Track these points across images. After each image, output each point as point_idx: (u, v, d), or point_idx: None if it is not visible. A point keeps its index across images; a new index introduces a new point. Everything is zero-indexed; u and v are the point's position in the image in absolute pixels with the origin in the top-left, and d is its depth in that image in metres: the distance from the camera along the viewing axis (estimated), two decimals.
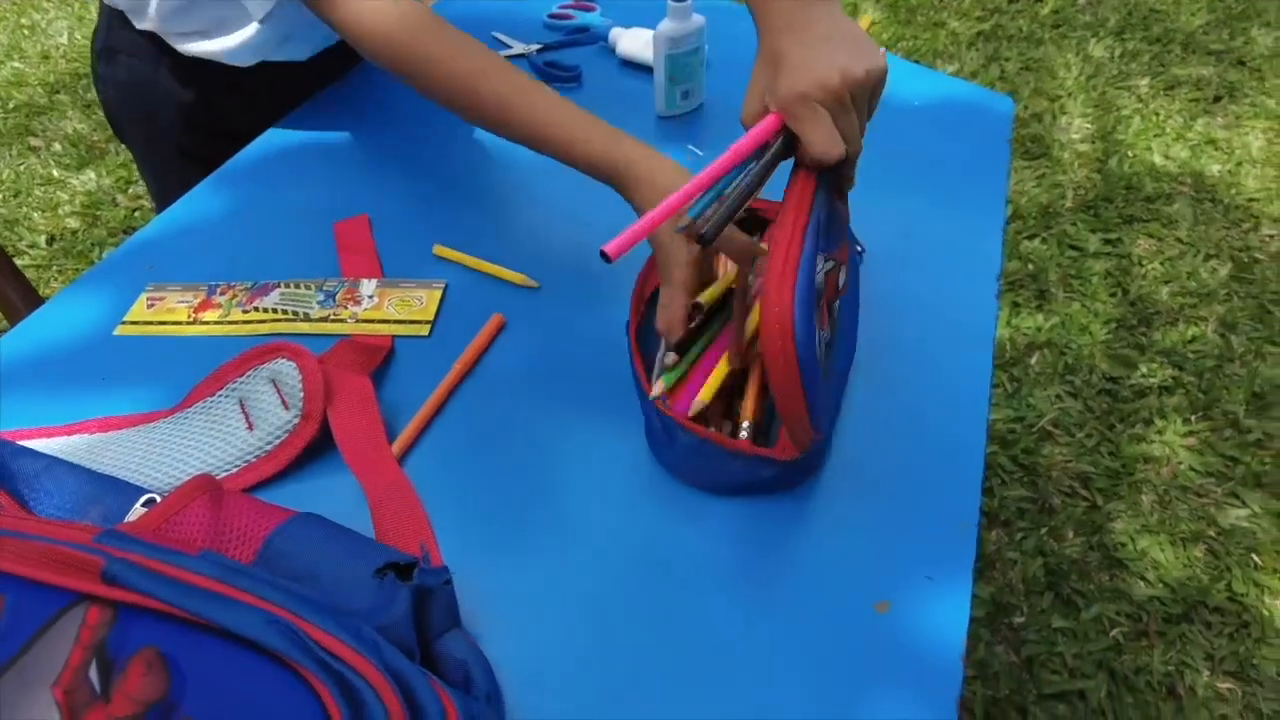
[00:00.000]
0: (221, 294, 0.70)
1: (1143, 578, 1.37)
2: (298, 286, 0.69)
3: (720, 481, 0.54)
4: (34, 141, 2.42)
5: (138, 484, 0.52)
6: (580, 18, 1.03)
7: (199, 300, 0.69)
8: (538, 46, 0.99)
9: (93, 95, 2.59)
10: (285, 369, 0.56)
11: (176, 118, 0.88)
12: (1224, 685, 1.25)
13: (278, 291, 0.69)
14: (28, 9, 3.12)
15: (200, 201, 0.81)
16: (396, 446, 0.56)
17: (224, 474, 0.54)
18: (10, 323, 1.16)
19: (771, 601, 0.50)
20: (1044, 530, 1.42)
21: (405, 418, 0.59)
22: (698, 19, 0.82)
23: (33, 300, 1.19)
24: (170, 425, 0.57)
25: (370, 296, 0.68)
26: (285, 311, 0.67)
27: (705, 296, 0.57)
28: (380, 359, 0.61)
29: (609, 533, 0.54)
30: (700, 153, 0.84)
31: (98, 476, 0.51)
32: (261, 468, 0.54)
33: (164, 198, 0.89)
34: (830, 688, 0.45)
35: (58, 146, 2.38)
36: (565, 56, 0.98)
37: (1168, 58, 2.52)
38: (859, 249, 0.72)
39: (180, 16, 0.79)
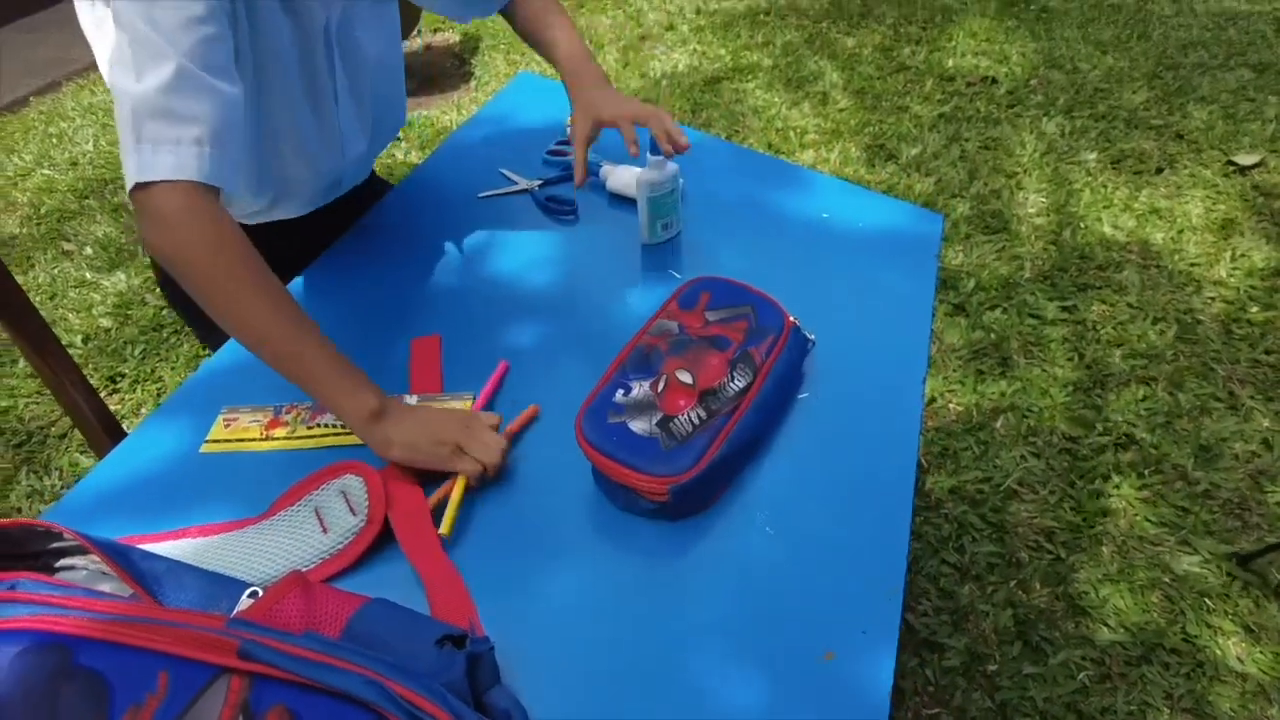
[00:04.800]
0: (287, 413, 0.85)
1: (1105, 624, 1.49)
2: None
3: (630, 507, 0.75)
4: (67, 246, 2.59)
5: (241, 579, 0.66)
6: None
7: (268, 419, 0.84)
8: (539, 182, 1.16)
9: (119, 199, 2.78)
10: (352, 483, 0.71)
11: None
12: None
13: None
14: (55, 118, 3.35)
15: None
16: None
17: (306, 569, 0.68)
18: (72, 420, 1.28)
19: (743, 651, 0.63)
20: (1013, 583, 1.55)
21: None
22: (672, 167, 0.99)
23: (90, 397, 1.30)
24: (259, 531, 0.71)
25: None
26: (343, 427, 0.82)
27: None
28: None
29: (610, 605, 0.67)
30: (679, 275, 1.00)
31: (210, 574, 0.65)
32: (336, 563, 0.68)
33: (215, 342, 1.02)
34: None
35: (89, 250, 2.55)
36: (563, 191, 1.15)
37: (1113, 133, 2.73)
38: (810, 339, 0.89)
39: (250, 199, 0.95)
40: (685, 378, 0.78)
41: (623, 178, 1.11)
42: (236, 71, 0.76)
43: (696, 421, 0.75)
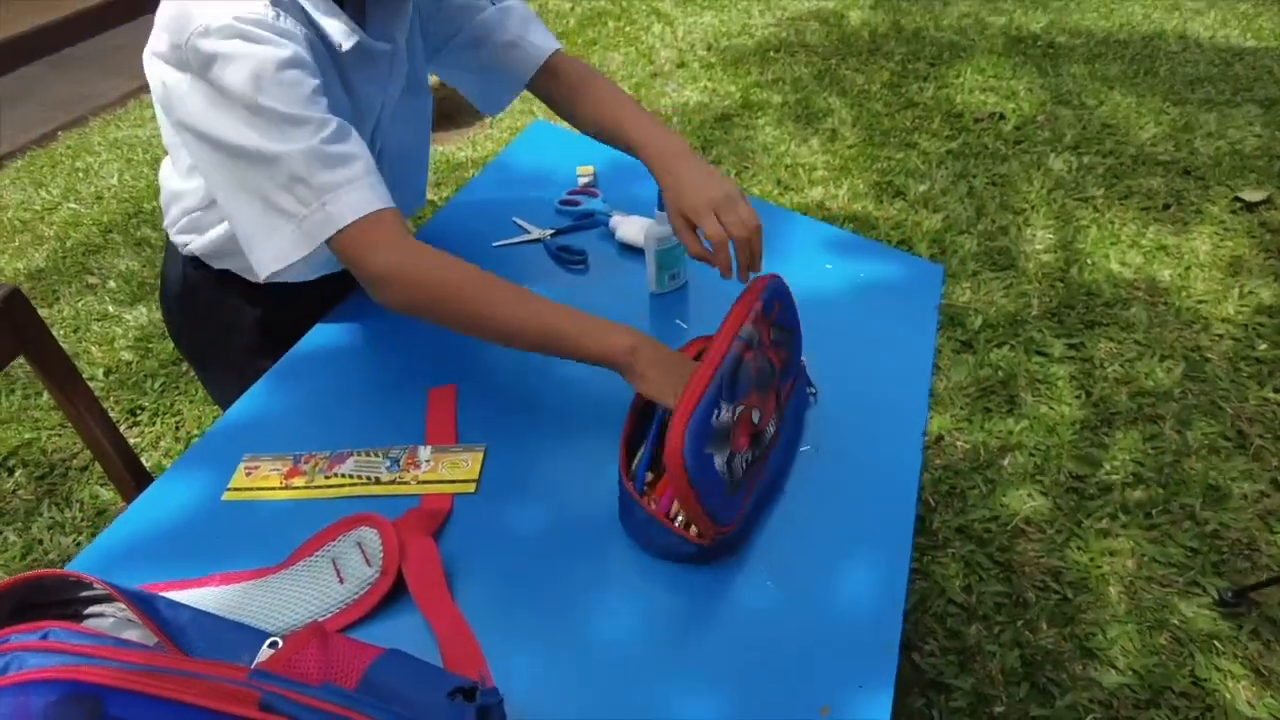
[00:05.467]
0: (305, 462, 0.88)
1: (1113, 666, 1.49)
2: (368, 455, 0.87)
3: (661, 551, 0.75)
4: (90, 279, 2.65)
5: (260, 628, 0.69)
6: (586, 203, 1.24)
7: (287, 468, 0.87)
8: (551, 231, 1.20)
9: (142, 234, 2.85)
10: (368, 535, 0.73)
11: (252, 334, 1.07)
12: None
13: (352, 459, 0.87)
14: (82, 153, 3.44)
15: (279, 380, 1.00)
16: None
17: (322, 618, 0.71)
18: (94, 454, 1.32)
19: (742, 705, 0.65)
20: (1020, 623, 1.56)
21: (461, 567, 0.76)
22: None
23: (111, 432, 1.34)
24: (279, 580, 0.74)
25: (427, 460, 0.86)
26: (360, 477, 0.85)
27: None
28: (441, 520, 0.79)
29: (611, 656, 0.70)
30: (685, 325, 1.03)
31: (232, 624, 0.68)
32: (352, 613, 0.71)
33: (225, 398, 1.06)
34: None
35: (112, 283, 2.61)
36: (574, 240, 1.18)
37: (1120, 169, 2.76)
38: (812, 391, 0.91)
39: None
40: (755, 417, 0.77)
41: (632, 228, 1.14)
42: None
43: (745, 466, 0.75)
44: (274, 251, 0.81)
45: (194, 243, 1.02)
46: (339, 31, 0.84)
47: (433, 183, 2.92)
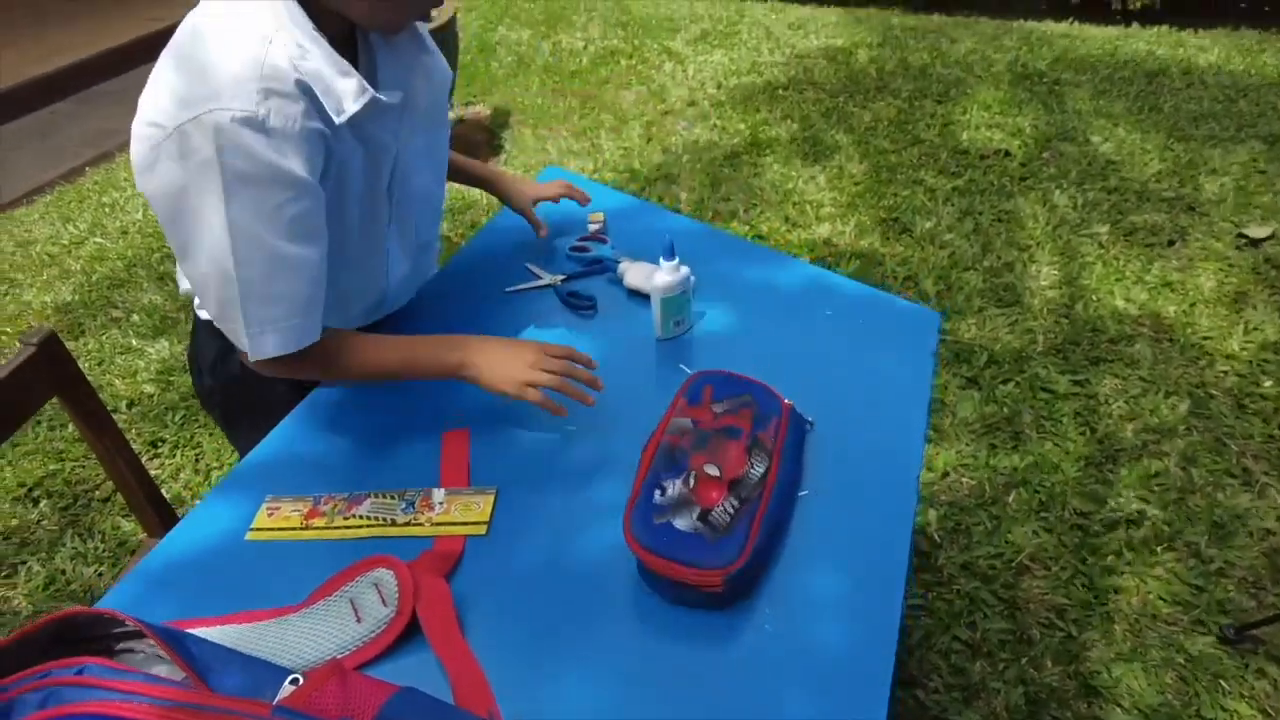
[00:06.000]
0: (325, 504, 0.92)
1: (1118, 704, 1.50)
2: (384, 496, 0.91)
3: (675, 597, 0.81)
4: (115, 313, 2.72)
5: (282, 665, 0.73)
6: (595, 249, 1.29)
7: (307, 509, 0.91)
8: (562, 277, 1.24)
9: (165, 269, 2.92)
10: (385, 576, 0.77)
11: (283, 391, 1.10)
12: None
13: (369, 501, 0.91)
14: (109, 188, 3.54)
15: (299, 423, 1.04)
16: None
17: (341, 656, 0.75)
18: (117, 486, 1.36)
19: None
20: (1024, 660, 1.57)
21: (472, 607, 0.79)
22: (684, 270, 1.07)
23: (135, 465, 1.38)
24: (299, 619, 0.78)
25: (440, 503, 0.90)
26: (376, 518, 0.89)
27: None
28: (454, 563, 0.82)
29: (617, 693, 0.73)
30: (688, 370, 1.06)
31: (255, 660, 0.72)
32: (368, 650, 0.74)
33: (245, 448, 1.08)
34: None
35: (136, 317, 2.68)
36: (583, 286, 1.23)
37: (1125, 205, 2.79)
38: (808, 421, 0.95)
39: None
40: (712, 470, 0.84)
41: (639, 275, 1.19)
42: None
43: (731, 511, 0.81)
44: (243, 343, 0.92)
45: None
46: (350, 93, 0.86)
47: (447, 217, 2.98)
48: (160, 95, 0.81)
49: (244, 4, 0.82)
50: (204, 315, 1.10)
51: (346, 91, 0.86)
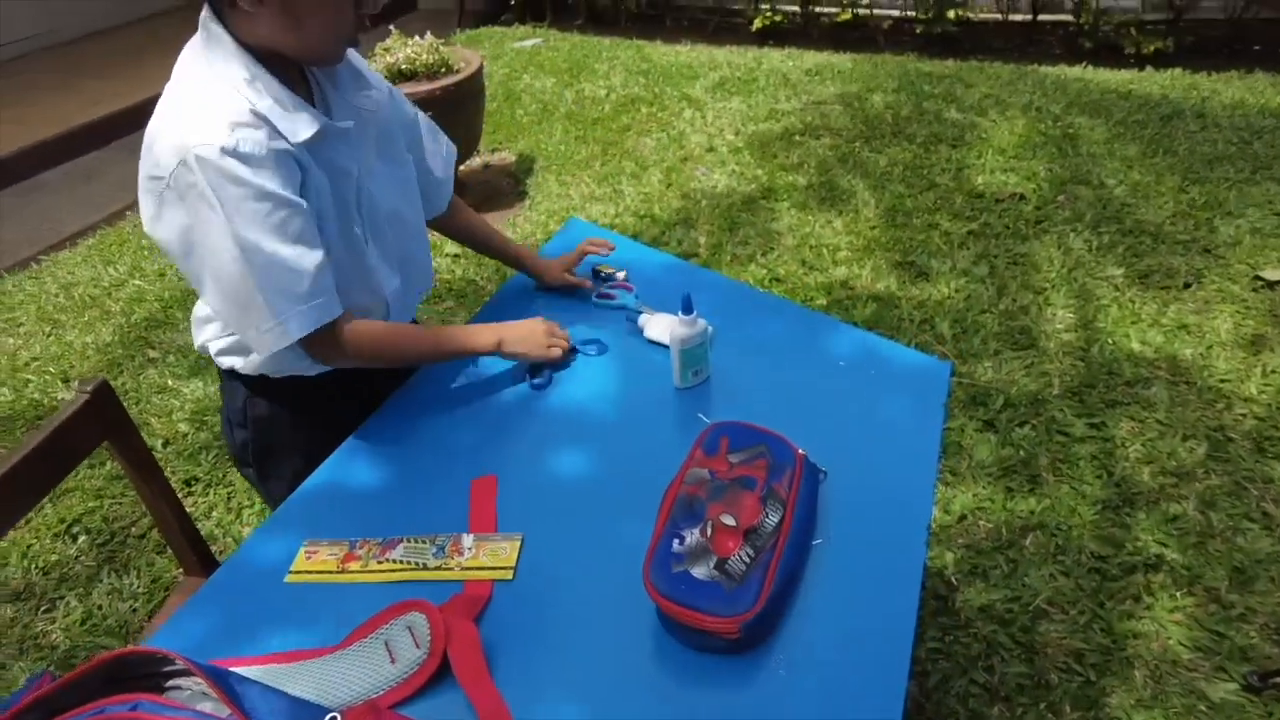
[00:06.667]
0: (360, 548, 0.97)
1: None
2: (416, 541, 0.96)
3: (697, 644, 0.84)
4: (151, 353, 2.82)
5: (320, 704, 0.77)
6: (620, 296, 1.34)
7: (344, 553, 0.96)
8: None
9: None
10: (417, 619, 0.82)
11: (317, 434, 1.19)
12: None
13: (402, 546, 0.96)
14: None
15: (334, 470, 1.10)
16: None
17: (375, 695, 0.79)
18: (155, 522, 1.41)
19: None
20: (1043, 705, 1.57)
21: (501, 649, 0.83)
22: (702, 323, 1.12)
23: (175, 505, 1.44)
24: (336, 659, 0.82)
25: (469, 548, 0.95)
26: (409, 563, 0.93)
27: None
28: (482, 606, 0.87)
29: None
30: (705, 419, 1.11)
31: (295, 699, 0.76)
32: (401, 690, 0.79)
33: (277, 503, 1.15)
34: None
35: (171, 358, 2.77)
36: (605, 334, 1.28)
37: (1140, 248, 2.82)
38: (821, 471, 0.99)
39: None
40: (729, 520, 0.88)
41: (659, 327, 1.24)
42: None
43: (747, 560, 0.85)
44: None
45: (240, 363, 1.16)
46: (305, 124, 1.00)
47: (474, 261, 3.06)
48: (153, 152, 0.97)
49: (204, 66, 0.98)
50: (224, 364, 1.18)
51: (300, 119, 1.00)
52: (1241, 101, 3.74)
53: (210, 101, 0.96)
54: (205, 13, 0.98)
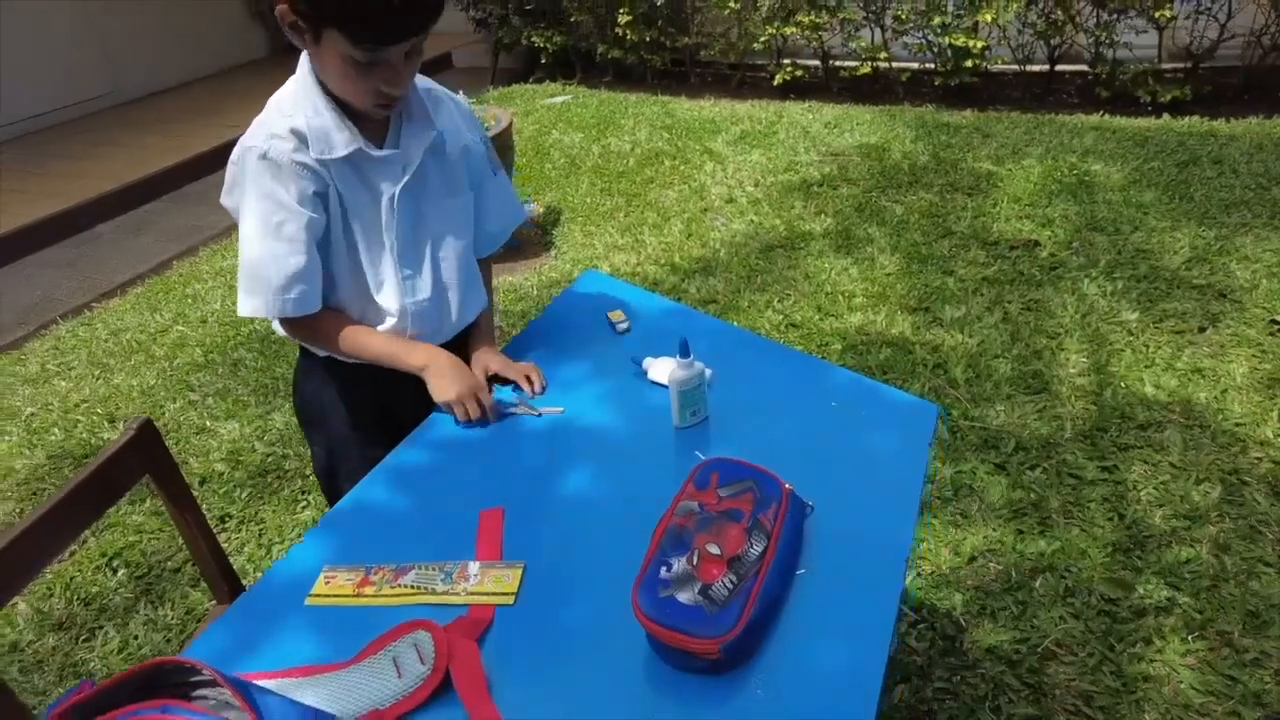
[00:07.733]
0: (375, 574, 1.04)
1: None
2: (427, 568, 1.03)
3: (678, 664, 0.89)
4: (192, 396, 2.95)
5: (333, 713, 0.84)
6: (519, 401, 1.40)
7: (360, 579, 1.03)
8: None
9: (238, 355, 3.16)
10: (423, 638, 0.88)
11: (357, 405, 1.43)
12: None
13: (414, 572, 1.03)
14: (192, 280, 3.85)
15: (354, 501, 1.18)
16: None
17: (382, 708, 0.85)
18: (192, 557, 1.50)
19: None
20: None
21: (500, 668, 0.89)
22: (699, 366, 1.19)
23: (211, 540, 1.53)
24: (349, 673, 0.89)
25: (475, 575, 1.02)
26: (419, 588, 1.00)
27: None
28: (484, 627, 0.93)
29: None
30: (702, 456, 1.17)
31: (310, 709, 0.83)
32: (407, 704, 0.85)
33: (331, 474, 1.47)
34: None
35: (210, 400, 2.90)
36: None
37: (1154, 293, 2.84)
38: (808, 505, 1.04)
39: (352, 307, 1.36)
40: (714, 549, 0.94)
41: (661, 370, 1.31)
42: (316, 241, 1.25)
43: (730, 586, 0.90)
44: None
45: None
46: (341, 145, 1.21)
47: (500, 310, 3.18)
48: (240, 141, 1.22)
49: (288, 86, 1.23)
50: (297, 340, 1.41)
51: (339, 141, 1.21)
52: (1259, 147, 3.77)
53: (268, 114, 1.22)
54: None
